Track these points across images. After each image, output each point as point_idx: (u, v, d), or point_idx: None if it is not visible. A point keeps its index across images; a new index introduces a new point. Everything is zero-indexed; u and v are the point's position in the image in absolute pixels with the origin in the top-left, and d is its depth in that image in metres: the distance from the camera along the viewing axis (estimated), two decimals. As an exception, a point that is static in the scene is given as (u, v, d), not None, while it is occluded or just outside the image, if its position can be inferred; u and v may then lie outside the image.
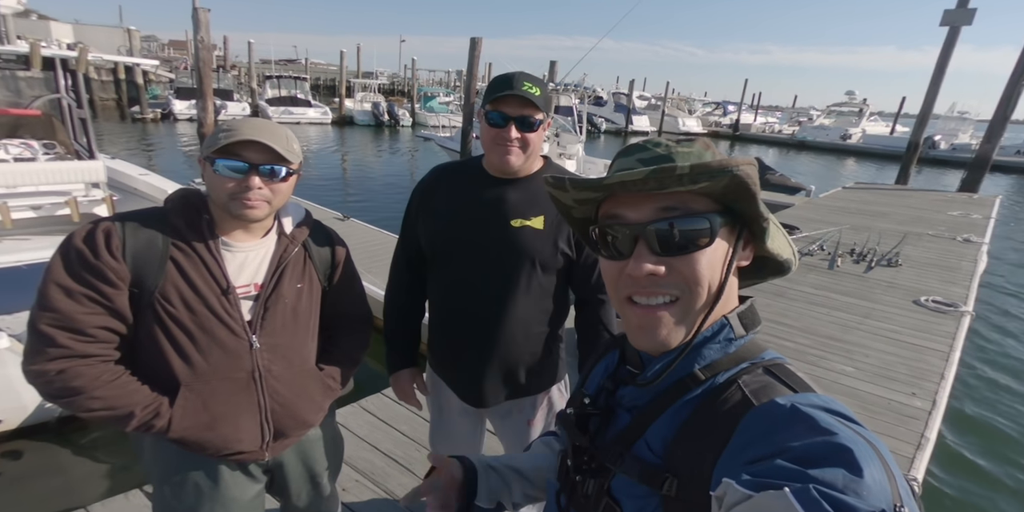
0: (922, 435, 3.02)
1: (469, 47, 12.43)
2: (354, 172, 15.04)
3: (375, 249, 5.90)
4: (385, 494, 2.40)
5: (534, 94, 1.30)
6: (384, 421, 2.93)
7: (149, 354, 1.14)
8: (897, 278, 5.90)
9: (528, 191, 1.41)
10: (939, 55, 12.66)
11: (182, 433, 1.15)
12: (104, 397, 1.07)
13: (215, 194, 1.13)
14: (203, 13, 9.28)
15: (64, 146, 5.03)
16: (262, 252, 1.24)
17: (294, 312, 1.26)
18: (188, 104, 22.38)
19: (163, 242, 1.11)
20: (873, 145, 29.63)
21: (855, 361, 3.90)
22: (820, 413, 0.51)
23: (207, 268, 1.14)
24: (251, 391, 1.22)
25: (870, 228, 8.10)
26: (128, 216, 1.13)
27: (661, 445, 0.61)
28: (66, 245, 1.07)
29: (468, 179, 1.45)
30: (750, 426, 0.54)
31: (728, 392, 0.59)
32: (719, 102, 43.74)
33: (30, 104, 4.99)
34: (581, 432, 0.71)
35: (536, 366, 1.51)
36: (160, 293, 1.10)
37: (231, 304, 1.16)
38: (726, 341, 0.64)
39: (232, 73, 31.05)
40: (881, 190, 12.70)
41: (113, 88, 25.12)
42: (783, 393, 0.56)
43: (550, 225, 1.39)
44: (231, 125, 1.11)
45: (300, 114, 25.10)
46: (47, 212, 4.23)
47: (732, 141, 34.76)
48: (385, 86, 38.08)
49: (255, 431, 1.24)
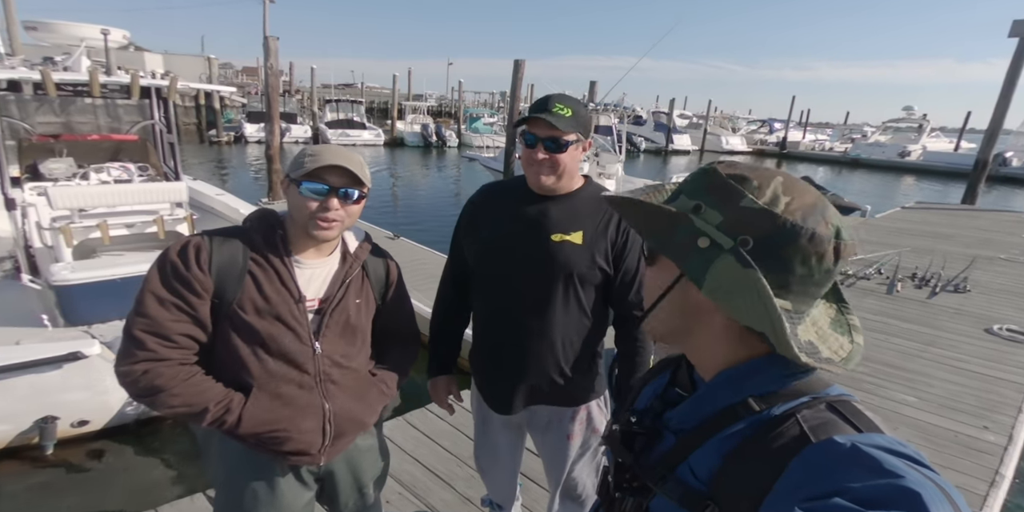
0: (996, 472, 2.81)
1: (513, 69, 12.70)
2: (403, 192, 15.50)
3: (423, 267, 6.04)
4: (426, 508, 2.43)
5: (564, 116, 1.34)
6: (427, 435, 2.97)
7: (225, 358, 1.25)
8: (965, 305, 5.55)
9: (569, 208, 1.46)
10: (1009, 67, 12.00)
11: (251, 429, 1.24)
12: (182, 394, 1.16)
13: (297, 214, 1.23)
14: (272, 41, 9.92)
15: (155, 168, 5.50)
16: (327, 269, 1.34)
17: (353, 325, 1.36)
18: (258, 127, 23.74)
19: (243, 257, 1.22)
20: (935, 162, 28.09)
21: (917, 390, 3.68)
22: (884, 454, 0.47)
23: (281, 281, 1.24)
24: (314, 394, 1.30)
25: (933, 251, 7.67)
26: (215, 233, 1.24)
27: (706, 472, 0.60)
28: (163, 258, 1.19)
29: (512, 196, 1.52)
30: (806, 463, 0.51)
31: (785, 426, 0.55)
32: (764, 120, 42.72)
33: (130, 130, 5.47)
34: (626, 450, 0.71)
35: (572, 379, 1.54)
36: (238, 304, 1.21)
37: (300, 313, 1.27)
38: (786, 372, 0.60)
39: (296, 97, 32.79)
40: (946, 210, 12.04)
41: (194, 113, 27.03)
42: (845, 432, 0.53)
43: (589, 240, 1.43)
44: (315, 150, 1.23)
45: (356, 136, 26.17)
46: (138, 230, 4.60)
47: (779, 159, 33.73)
48: (433, 108, 39.24)
49: (316, 432, 1.32)
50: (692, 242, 0.57)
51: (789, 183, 0.58)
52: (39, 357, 2.90)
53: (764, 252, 0.55)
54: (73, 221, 4.18)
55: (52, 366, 2.95)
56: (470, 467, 2.69)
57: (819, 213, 0.56)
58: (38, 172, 4.85)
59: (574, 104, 1.38)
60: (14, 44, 15.42)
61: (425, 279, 5.57)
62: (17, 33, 15.21)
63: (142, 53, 29.60)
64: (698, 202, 0.59)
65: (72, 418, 3.23)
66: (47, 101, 5.12)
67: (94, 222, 4.24)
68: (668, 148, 32.59)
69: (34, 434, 3.14)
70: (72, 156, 5.13)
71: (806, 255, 0.55)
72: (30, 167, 4.93)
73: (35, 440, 3.16)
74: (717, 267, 0.56)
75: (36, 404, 3.10)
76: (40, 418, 3.11)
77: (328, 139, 25.39)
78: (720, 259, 0.55)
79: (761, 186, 0.57)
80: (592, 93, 16.97)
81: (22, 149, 5.02)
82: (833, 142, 39.17)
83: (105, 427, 3.38)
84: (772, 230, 0.55)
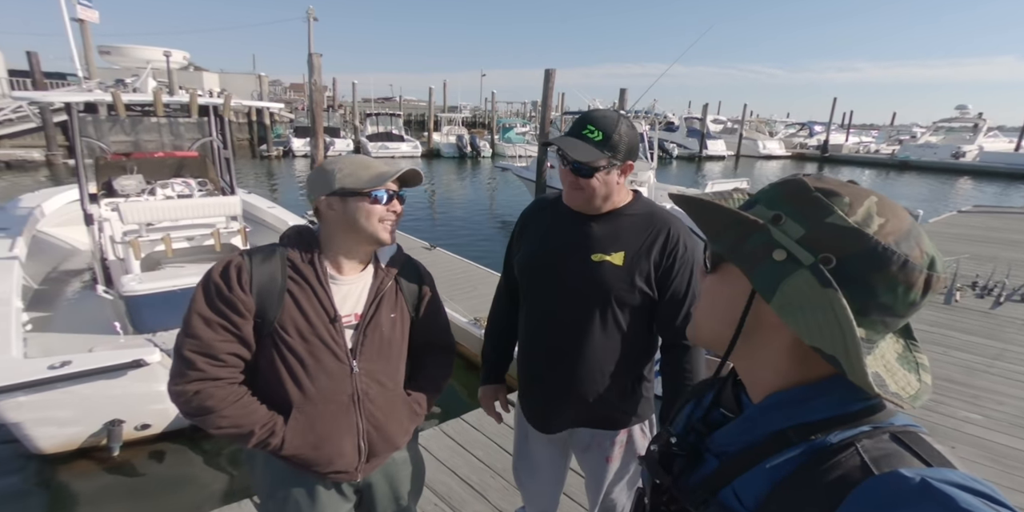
0: (1075, 499, 2.59)
1: (543, 79, 12.74)
2: (440, 203, 15.72)
3: (458, 278, 6.09)
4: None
5: (593, 139, 1.31)
6: (462, 446, 2.96)
7: (266, 378, 1.27)
8: (1036, 317, 5.19)
9: (613, 226, 1.42)
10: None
11: (293, 451, 1.26)
12: (230, 416, 1.19)
13: (365, 223, 1.25)
14: (316, 58, 10.30)
15: (213, 183, 5.80)
16: (361, 284, 1.35)
17: (388, 340, 1.36)
18: (304, 142, 24.58)
19: (282, 276, 1.23)
20: (994, 163, 26.54)
21: (983, 408, 3.45)
22: (959, 492, 0.43)
23: (318, 299, 1.26)
24: (351, 413, 1.32)
25: (996, 258, 7.23)
26: (255, 252, 1.26)
27: (753, 499, 0.56)
28: (206, 279, 1.21)
29: (560, 212, 1.48)
30: (866, 496, 0.47)
31: (843, 455, 0.52)
32: (804, 123, 41.38)
33: (191, 147, 5.79)
34: (664, 471, 0.68)
35: (611, 403, 1.49)
36: (279, 323, 1.22)
37: (337, 332, 1.28)
38: (846, 398, 0.57)
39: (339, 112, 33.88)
40: (1009, 214, 11.34)
41: (247, 129, 28.20)
42: (912, 465, 0.49)
43: (629, 262, 1.39)
44: (355, 162, 1.27)
45: (395, 149, 26.79)
46: (196, 242, 4.84)
47: (820, 163, 32.62)
48: (468, 119, 39.80)
49: (353, 451, 1.33)
50: (766, 253, 0.54)
51: (884, 204, 0.54)
52: (107, 364, 3.09)
53: (848, 273, 0.51)
54: (141, 235, 4.43)
55: (118, 373, 3.13)
56: (503, 478, 2.66)
57: (914, 239, 0.52)
58: (112, 189, 5.18)
59: (608, 126, 1.32)
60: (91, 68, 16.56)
61: (461, 289, 5.60)
62: (93, 58, 16.32)
63: (201, 73, 31.19)
64: (778, 213, 0.56)
65: (136, 422, 3.42)
66: (118, 121, 5.45)
67: (159, 236, 4.49)
68: (702, 154, 31.99)
69: (103, 436, 3.34)
70: (141, 173, 5.45)
71: (894, 283, 0.51)
72: (105, 184, 5.27)
73: (103, 442, 3.35)
74: (791, 283, 0.52)
75: (105, 408, 3.29)
76: (108, 421, 3.31)
77: (369, 152, 26.06)
78: (796, 274, 0.52)
79: (853, 203, 0.53)
80: (622, 100, 16.84)
81: (99, 167, 5.36)
82: (879, 144, 37.55)
83: (165, 431, 3.56)
84: (860, 251, 0.51)
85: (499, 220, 13.34)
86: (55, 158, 18.19)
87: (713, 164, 30.47)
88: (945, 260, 0.66)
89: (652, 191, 11.28)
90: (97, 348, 3.44)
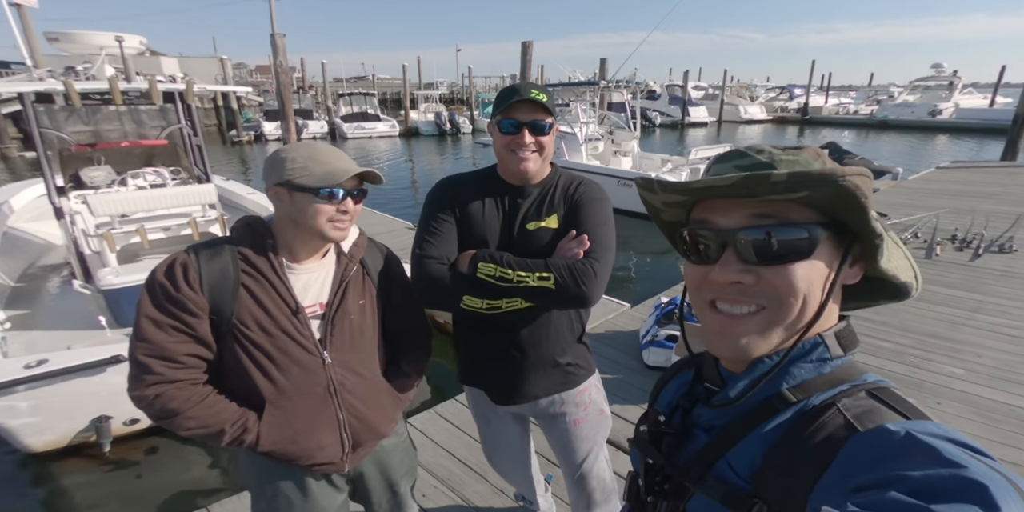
0: (1057, 446, 2.67)
1: (521, 51, 12.49)
2: (423, 182, 15.49)
3: (441, 257, 6.02)
4: (462, 501, 2.42)
5: (541, 99, 1.35)
6: (459, 427, 2.96)
7: (234, 375, 1.22)
8: (1013, 266, 5.29)
9: (541, 196, 1.46)
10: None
11: (270, 447, 1.22)
12: (197, 416, 1.14)
13: (311, 222, 1.18)
14: (280, 38, 9.90)
15: (187, 171, 5.65)
16: (324, 272, 1.29)
17: (359, 328, 1.31)
18: (276, 125, 23.97)
19: (234, 270, 1.17)
20: (970, 119, 26.86)
21: (965, 362, 3.52)
22: (943, 443, 0.44)
23: (276, 291, 1.20)
24: (328, 405, 1.28)
25: (974, 211, 7.33)
26: (199, 248, 1.19)
27: (748, 469, 0.57)
28: (150, 280, 1.15)
29: (482, 188, 1.48)
30: (855, 453, 0.49)
31: (826, 416, 0.54)
32: (784, 86, 41.31)
33: (160, 135, 5.59)
34: (656, 451, 0.69)
35: (566, 362, 1.53)
36: (237, 319, 1.17)
37: (302, 323, 1.22)
38: (820, 361, 0.59)
39: (311, 93, 32.91)
40: (985, 168, 11.49)
41: (214, 115, 27.28)
42: (893, 419, 0.51)
43: (564, 223, 1.42)
44: (312, 155, 1.18)
45: (371, 129, 26.25)
46: (173, 233, 4.72)
47: (801, 125, 32.70)
48: (445, 96, 38.97)
49: (335, 443, 1.30)
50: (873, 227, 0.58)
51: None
52: (85, 361, 3.06)
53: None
54: (114, 227, 4.32)
55: (98, 369, 3.11)
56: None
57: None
58: (80, 181, 5.04)
59: (544, 90, 1.39)
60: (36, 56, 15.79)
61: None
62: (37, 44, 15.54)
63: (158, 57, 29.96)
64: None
65: (124, 417, 3.41)
66: (74, 111, 5.24)
67: (133, 227, 4.37)
68: (684, 121, 31.91)
69: (91, 433, 3.33)
70: (109, 163, 5.30)
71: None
72: (73, 176, 5.13)
73: (93, 438, 3.34)
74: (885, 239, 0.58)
75: (90, 404, 3.27)
76: (95, 417, 3.30)
77: (345, 133, 25.48)
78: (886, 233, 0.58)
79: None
80: (603, 70, 16.60)
81: (63, 159, 5.19)
82: (858, 105, 37.75)
83: (155, 425, 3.51)
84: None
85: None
86: (9, 151, 17.56)
87: (696, 131, 30.43)
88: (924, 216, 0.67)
89: (637, 160, 11.23)
90: (76, 345, 3.39)
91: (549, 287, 1.31)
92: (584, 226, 1.40)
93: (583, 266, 1.32)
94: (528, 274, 1.32)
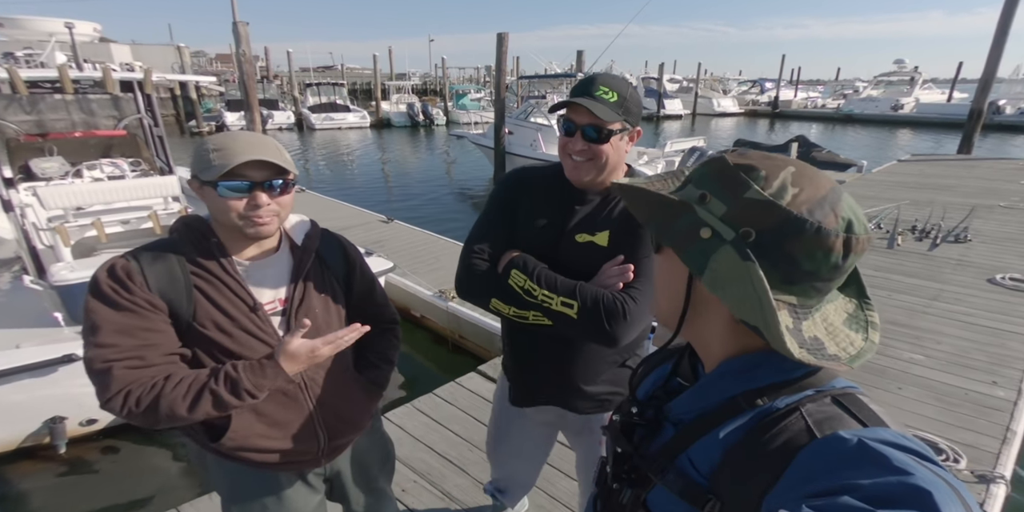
0: (1007, 428, 2.81)
1: (496, 43, 12.36)
2: (394, 174, 15.25)
3: (420, 250, 5.97)
4: (442, 495, 2.42)
5: (609, 100, 1.20)
6: (437, 421, 2.95)
7: None
8: (968, 255, 5.52)
9: (600, 206, 1.32)
10: (1001, 14, 11.73)
11: (241, 443, 1.18)
12: (175, 394, 1.05)
13: (223, 217, 1.12)
14: (242, 27, 9.55)
15: (148, 163, 5.44)
16: (278, 267, 1.24)
17: (325, 322, 1.27)
18: (239, 116, 23.20)
19: (182, 271, 1.11)
20: (929, 114, 27.79)
21: (925, 348, 3.67)
22: (891, 450, 0.46)
23: (230, 289, 1.14)
24: (300, 401, 1.24)
25: (933, 202, 7.62)
26: (139, 252, 1.12)
27: (707, 465, 0.59)
28: (95, 286, 1.07)
29: (547, 185, 1.37)
30: (811, 459, 0.50)
31: (788, 420, 0.55)
32: (755, 80, 41.97)
33: (117, 125, 5.37)
34: (626, 440, 0.70)
35: (598, 390, 1.43)
36: (197, 322, 1.11)
37: (262, 320, 1.18)
38: (789, 364, 0.58)
39: (276, 83, 31.92)
40: (942, 161, 11.94)
41: (171, 104, 26.18)
42: (850, 426, 0.52)
43: (613, 243, 1.29)
44: (220, 145, 1.08)
45: (340, 120, 25.66)
46: (133, 226, 4.55)
47: (772, 119, 33.37)
48: (418, 86, 38.37)
49: (311, 439, 1.27)
50: (694, 232, 0.57)
51: (801, 174, 0.55)
52: (34, 361, 2.94)
53: (767, 245, 0.54)
54: (68, 220, 4.14)
55: (50, 369, 3.00)
56: (481, 451, 2.67)
57: (828, 205, 0.54)
58: (31, 172, 4.81)
59: (621, 86, 1.23)
60: (-25, 42, 14.89)
61: (424, 262, 5.51)
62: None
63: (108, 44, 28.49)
64: (704, 192, 0.58)
65: (80, 417, 3.30)
66: (14, 99, 4.98)
67: (88, 220, 4.19)
68: (660, 113, 32.16)
69: (45, 434, 3.22)
70: (62, 154, 5.07)
71: (811, 249, 0.53)
72: (23, 167, 4.90)
73: (47, 440, 3.23)
74: (717, 259, 0.55)
75: (41, 405, 3.16)
76: (49, 418, 3.18)
77: (313, 124, 24.84)
78: (721, 250, 0.55)
79: (768, 177, 0.55)
80: (580, 63, 16.57)
81: (11, 149, 4.95)
82: (825, 99, 38.60)
83: (113, 425, 3.44)
84: (775, 222, 0.54)
85: (459, 189, 13.10)
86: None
87: (671, 123, 30.71)
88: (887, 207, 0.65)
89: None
90: (26, 344, 3.26)
91: (571, 315, 1.20)
92: (635, 254, 1.25)
93: (613, 302, 1.18)
94: (553, 296, 1.21)
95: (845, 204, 0.54)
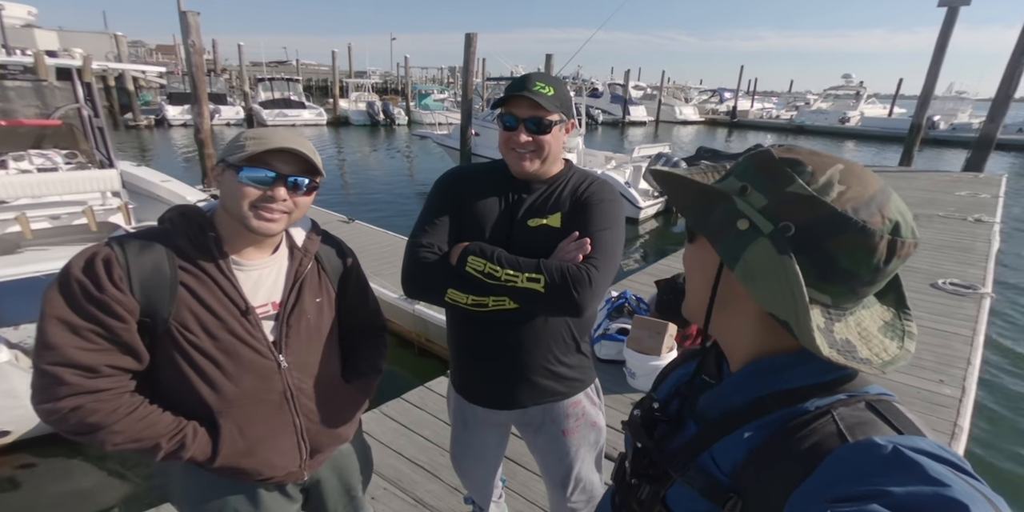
0: (955, 424, 2.96)
1: (464, 43, 12.30)
2: (353, 173, 14.95)
3: (383, 251, 5.83)
4: (414, 501, 2.35)
5: (546, 94, 1.27)
6: (407, 427, 2.87)
7: (173, 383, 1.07)
8: (912, 261, 5.81)
9: (548, 192, 1.38)
10: (939, 35, 12.56)
11: (224, 462, 1.10)
12: (125, 430, 0.99)
13: (232, 204, 1.05)
14: (192, 17, 9.09)
15: (86, 155, 5.05)
16: (275, 268, 1.17)
17: (316, 328, 1.21)
18: (182, 109, 22.23)
19: (170, 266, 1.02)
20: (872, 127, 29.52)
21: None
22: (927, 460, 0.45)
23: (222, 290, 1.06)
24: (285, 411, 1.17)
25: (879, 212, 8.03)
26: (126, 239, 1.03)
27: (730, 464, 0.58)
28: (64, 277, 0.98)
29: (490, 180, 1.42)
30: (840, 463, 0.49)
31: (818, 423, 0.53)
32: (715, 89, 43.47)
33: (52, 114, 4.98)
34: (646, 436, 0.69)
35: (559, 372, 1.44)
36: (176, 320, 1.03)
37: (253, 325, 1.10)
38: (821, 368, 0.58)
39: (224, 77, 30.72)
40: (885, 172, 12.64)
41: (104, 95, 24.72)
42: (885, 433, 0.50)
43: (567, 223, 1.35)
44: (258, 133, 1.05)
45: (295, 116, 24.91)
46: (64, 222, 4.23)
47: (730, 128, 34.60)
48: (378, 85, 37.75)
49: (293, 451, 1.20)
50: (731, 223, 0.56)
51: (849, 171, 0.54)
52: None
53: (806, 241, 0.53)
54: None
55: None
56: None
57: (875, 205, 0.52)
58: None
59: (555, 82, 1.32)
60: None
61: (388, 263, 5.39)
62: None
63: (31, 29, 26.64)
64: (745, 184, 0.57)
65: None
66: None
67: (11, 215, 3.87)
68: (625, 120, 32.82)
69: None
70: None
71: (852, 248, 0.52)
72: None
73: None
74: (752, 251, 0.54)
75: None
76: None
77: (264, 120, 23.91)
78: (756, 243, 0.54)
79: (815, 172, 0.54)
80: (548, 67, 16.70)
81: None
82: (779, 110, 40.35)
83: (30, 437, 3.14)
84: (818, 218, 0.52)
85: (422, 190, 12.95)
86: None
87: (636, 129, 31.34)
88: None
89: (581, 156, 11.40)
90: None
91: (538, 290, 1.22)
92: (588, 228, 1.31)
93: (578, 271, 1.23)
94: (518, 273, 1.24)
95: (894, 206, 0.53)
